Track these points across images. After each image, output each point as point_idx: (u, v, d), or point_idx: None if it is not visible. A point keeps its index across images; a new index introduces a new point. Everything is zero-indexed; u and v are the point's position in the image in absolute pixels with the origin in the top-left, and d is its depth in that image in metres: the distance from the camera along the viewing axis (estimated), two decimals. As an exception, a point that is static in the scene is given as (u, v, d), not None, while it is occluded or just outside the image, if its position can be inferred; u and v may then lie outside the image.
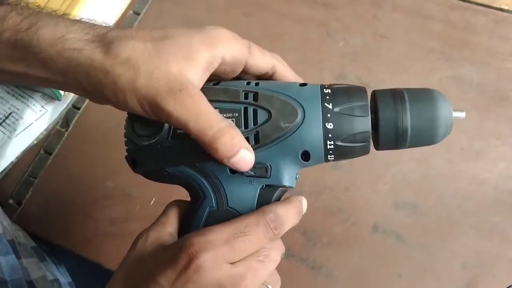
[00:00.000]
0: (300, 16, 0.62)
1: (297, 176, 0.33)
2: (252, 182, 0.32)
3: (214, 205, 0.32)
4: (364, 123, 0.31)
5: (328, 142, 0.31)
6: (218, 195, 0.32)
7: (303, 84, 0.32)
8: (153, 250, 0.31)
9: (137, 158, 0.33)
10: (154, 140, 0.32)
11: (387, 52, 0.59)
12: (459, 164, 0.52)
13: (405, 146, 0.32)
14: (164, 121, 0.31)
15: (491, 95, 0.55)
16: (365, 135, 0.31)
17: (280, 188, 0.32)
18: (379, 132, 0.31)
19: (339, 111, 0.30)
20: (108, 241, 0.54)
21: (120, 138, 0.34)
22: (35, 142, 0.59)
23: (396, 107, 0.31)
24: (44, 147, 0.60)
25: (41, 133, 0.59)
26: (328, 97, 0.31)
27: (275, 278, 0.33)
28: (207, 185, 0.32)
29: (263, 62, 0.33)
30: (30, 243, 0.53)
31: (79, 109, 0.61)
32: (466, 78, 0.56)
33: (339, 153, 0.31)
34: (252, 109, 0.31)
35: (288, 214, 0.31)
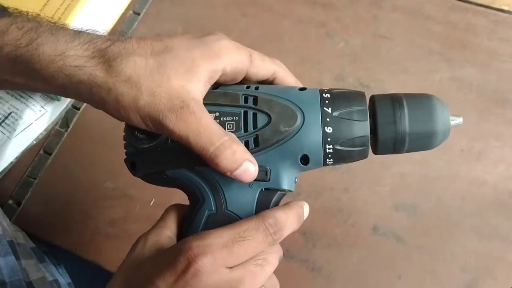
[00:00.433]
0: (300, 17, 0.62)
1: (296, 180, 0.33)
2: (252, 186, 0.32)
3: (213, 209, 0.32)
4: (363, 128, 0.31)
5: (327, 146, 0.31)
6: (217, 199, 0.32)
7: (303, 89, 0.33)
8: (152, 254, 0.31)
9: (136, 161, 0.33)
10: (154, 143, 0.32)
11: (387, 53, 0.58)
12: (459, 166, 0.52)
13: (403, 151, 0.32)
14: (167, 136, 0.31)
15: (491, 97, 0.55)
16: (364, 140, 0.31)
17: (279, 192, 0.32)
18: (378, 137, 0.31)
19: (338, 116, 0.31)
20: (108, 242, 0.54)
21: (120, 139, 0.34)
22: (35, 143, 0.59)
23: (395, 112, 0.31)
24: (44, 148, 0.60)
25: (41, 134, 0.59)
26: (327, 102, 0.31)
27: (273, 282, 0.33)
28: (206, 189, 0.32)
29: (264, 70, 0.33)
30: (30, 244, 0.53)
31: (79, 110, 0.61)
32: (466, 80, 0.56)
33: (338, 157, 0.31)
34: (252, 113, 0.31)
35: (288, 220, 0.31)
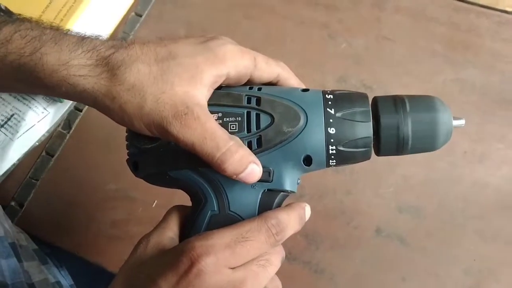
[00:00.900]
0: (302, 18, 0.62)
1: (299, 181, 0.33)
2: (254, 187, 0.32)
3: (216, 209, 0.32)
4: (366, 129, 0.31)
5: (330, 147, 0.31)
6: (220, 199, 0.32)
7: (306, 90, 0.33)
8: (154, 254, 0.31)
9: (139, 162, 0.33)
10: (156, 144, 0.32)
11: (390, 55, 0.58)
12: (462, 168, 0.52)
13: (406, 153, 0.32)
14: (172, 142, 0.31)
15: (495, 98, 0.54)
16: (367, 141, 0.31)
17: (282, 193, 0.32)
18: (380, 138, 0.31)
19: (341, 116, 0.31)
20: (110, 244, 0.54)
21: (122, 140, 0.34)
22: (37, 144, 0.59)
23: (397, 114, 0.31)
24: (46, 149, 0.60)
25: (43, 135, 0.59)
26: (330, 103, 0.31)
27: (276, 283, 0.33)
28: (209, 189, 0.32)
29: (268, 73, 0.33)
30: (32, 246, 0.53)
31: (81, 111, 0.61)
32: (469, 81, 0.55)
33: (341, 158, 0.31)
34: (255, 114, 0.31)
35: (290, 221, 0.31)
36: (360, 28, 0.60)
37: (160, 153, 0.32)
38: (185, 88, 0.30)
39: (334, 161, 0.31)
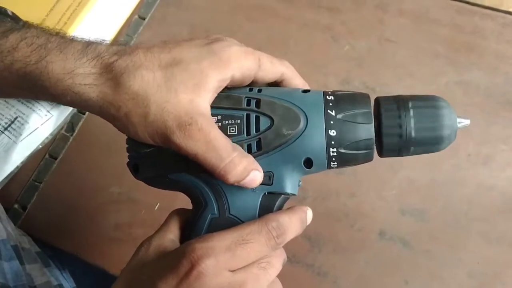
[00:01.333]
0: (305, 21, 0.62)
1: (300, 183, 0.33)
2: (255, 190, 0.31)
3: (216, 213, 0.32)
4: (367, 130, 0.30)
5: (331, 150, 0.30)
6: (220, 203, 0.32)
7: (306, 91, 0.32)
8: (155, 257, 0.31)
9: (139, 164, 0.33)
10: (156, 147, 0.32)
11: (393, 57, 0.58)
12: (466, 170, 0.51)
13: (409, 154, 0.31)
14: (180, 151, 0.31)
15: (499, 100, 0.54)
16: (369, 143, 0.31)
17: (283, 196, 0.32)
18: (383, 140, 0.31)
19: (342, 118, 0.30)
20: (113, 246, 0.54)
21: (125, 143, 0.34)
22: (41, 147, 0.59)
23: (400, 114, 0.30)
24: (49, 152, 0.60)
25: (47, 138, 0.59)
26: (331, 104, 0.31)
27: (277, 286, 0.32)
28: (209, 193, 0.32)
29: (272, 73, 0.33)
30: (35, 248, 0.53)
31: (84, 114, 0.61)
32: (473, 83, 0.55)
33: (342, 160, 0.31)
34: (255, 116, 0.31)
35: (291, 224, 0.31)
36: (363, 30, 0.60)
37: (160, 156, 0.32)
38: (190, 96, 0.30)
39: (336, 163, 0.31)
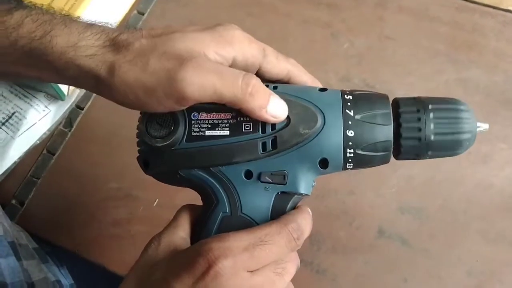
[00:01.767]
0: (305, 17, 0.61)
1: (314, 184, 0.32)
2: (268, 189, 0.31)
3: (228, 211, 0.31)
4: (386, 132, 0.30)
5: (348, 150, 0.30)
6: (232, 201, 0.31)
7: (323, 89, 0.31)
8: (167, 255, 0.30)
9: (150, 160, 0.32)
10: (168, 142, 0.31)
11: (393, 54, 0.58)
12: (466, 168, 0.51)
13: (427, 157, 0.31)
14: (188, 101, 0.29)
15: (498, 98, 0.54)
16: (387, 144, 0.30)
17: (296, 196, 0.31)
18: (401, 142, 0.30)
19: (361, 119, 0.30)
20: (111, 243, 0.54)
21: (124, 139, 0.34)
22: (38, 142, 0.59)
23: (420, 117, 0.30)
24: (47, 147, 0.59)
25: (44, 133, 0.59)
26: (350, 104, 0.30)
27: None
28: (221, 190, 0.31)
29: (277, 69, 0.32)
30: (32, 244, 0.52)
31: (83, 109, 0.61)
32: (473, 81, 0.55)
33: (359, 162, 0.30)
34: None
35: (307, 225, 0.30)
36: (363, 28, 0.60)
37: (172, 152, 0.31)
38: (189, 50, 0.29)
39: (351, 165, 0.30)
